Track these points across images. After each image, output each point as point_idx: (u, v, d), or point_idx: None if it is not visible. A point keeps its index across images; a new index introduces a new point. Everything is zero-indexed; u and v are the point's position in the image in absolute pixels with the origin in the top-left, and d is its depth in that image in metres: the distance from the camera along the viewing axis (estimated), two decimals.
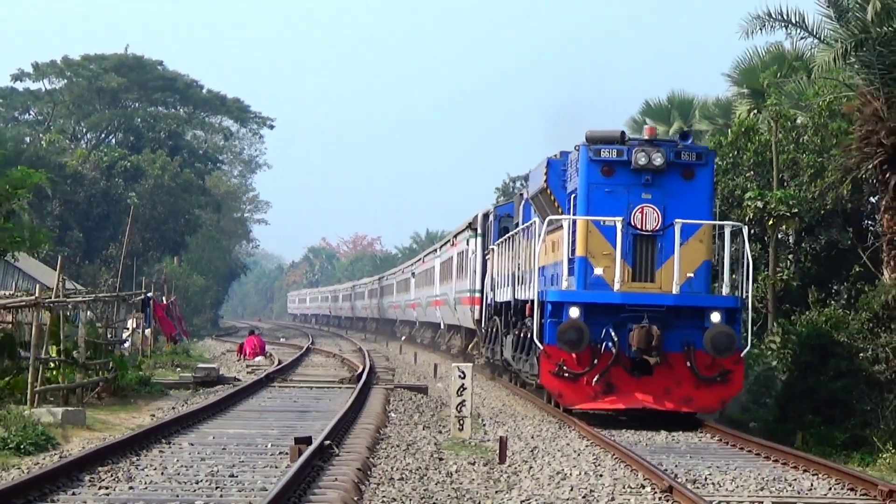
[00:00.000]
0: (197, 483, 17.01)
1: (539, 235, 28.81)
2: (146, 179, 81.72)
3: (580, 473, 19.06)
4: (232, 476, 17.70)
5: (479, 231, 45.79)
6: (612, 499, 17.07)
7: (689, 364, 26.47)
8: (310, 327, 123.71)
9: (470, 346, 51.63)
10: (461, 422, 24.27)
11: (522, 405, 31.79)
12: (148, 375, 35.93)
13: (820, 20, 31.62)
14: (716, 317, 26.48)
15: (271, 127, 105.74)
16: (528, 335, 28.94)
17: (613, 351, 26.36)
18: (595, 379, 26.39)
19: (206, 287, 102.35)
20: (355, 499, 16.10)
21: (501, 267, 37.21)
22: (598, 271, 26.87)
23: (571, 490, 17.61)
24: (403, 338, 78.29)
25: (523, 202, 35.00)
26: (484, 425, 26.30)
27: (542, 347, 26.83)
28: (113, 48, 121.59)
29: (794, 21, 32.09)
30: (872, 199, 34.79)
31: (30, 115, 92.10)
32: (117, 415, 27.42)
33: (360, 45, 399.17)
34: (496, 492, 17.83)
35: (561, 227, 28.30)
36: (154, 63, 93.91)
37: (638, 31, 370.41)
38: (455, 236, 56.72)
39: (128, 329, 45.88)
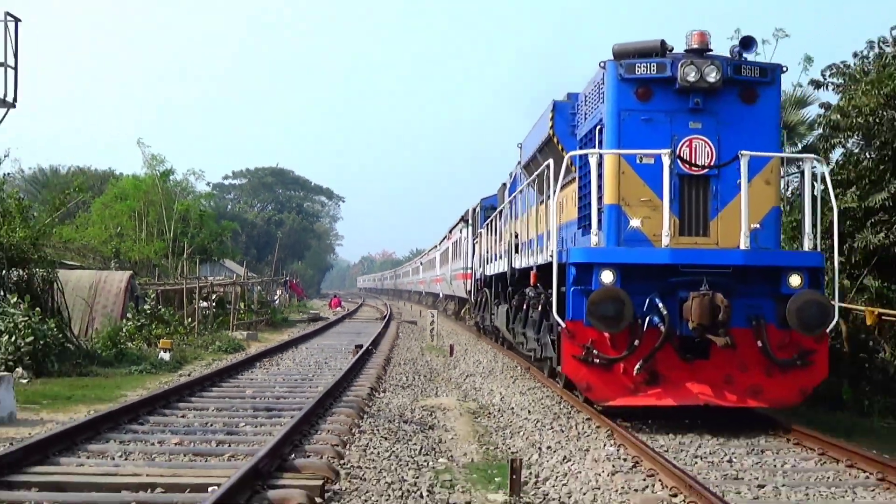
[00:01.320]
0: (310, 366, 17.05)
1: (555, 179, 10.94)
2: (285, 226, 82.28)
3: (487, 361, 18.86)
4: (325, 362, 17.72)
5: (470, 221, 31.25)
6: (502, 371, 16.93)
7: (759, 343, 9.74)
8: (363, 294, 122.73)
9: (462, 311, 37.39)
10: (432, 337, 24.27)
11: (462, 329, 30.58)
12: (286, 317, 35.95)
13: None
14: (795, 280, 9.87)
15: (343, 200, 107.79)
16: (536, 306, 12.29)
17: (662, 328, 9.59)
18: (637, 367, 9.71)
19: (314, 275, 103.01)
20: (384, 371, 16.14)
21: (490, 246, 20.26)
22: (634, 223, 10.04)
23: (482, 368, 17.54)
24: (412, 301, 75.47)
25: (507, 189, 18.86)
26: (443, 338, 25.93)
27: (563, 325, 9.90)
28: (269, 161, 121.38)
29: None
30: None
31: (230, 195, 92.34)
32: (272, 335, 27.42)
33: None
34: (448, 369, 17.80)
35: (568, 184, 11.69)
36: (289, 171, 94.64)
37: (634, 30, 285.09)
38: (450, 231, 40.46)
39: (277, 294, 45.94)
